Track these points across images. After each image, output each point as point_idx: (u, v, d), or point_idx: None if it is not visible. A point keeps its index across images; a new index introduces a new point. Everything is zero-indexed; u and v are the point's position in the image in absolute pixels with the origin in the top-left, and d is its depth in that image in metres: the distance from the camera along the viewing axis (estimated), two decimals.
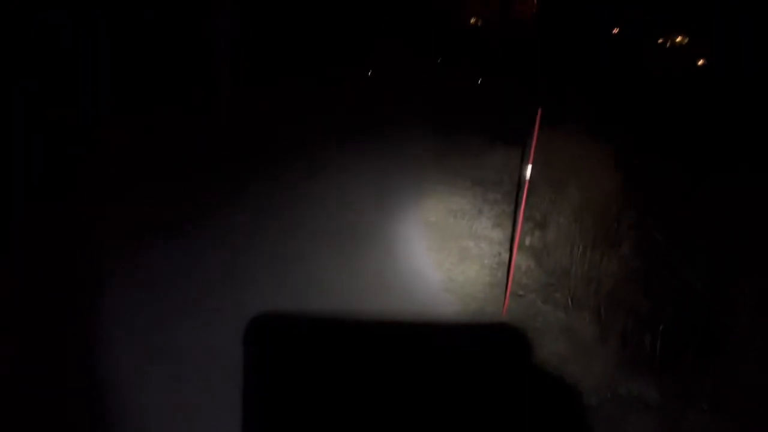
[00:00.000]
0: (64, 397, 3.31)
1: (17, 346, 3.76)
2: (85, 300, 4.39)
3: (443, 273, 5.37)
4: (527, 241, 6.22)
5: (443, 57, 26.40)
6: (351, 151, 9.98)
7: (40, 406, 3.22)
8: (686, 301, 4.16)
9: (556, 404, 3.59)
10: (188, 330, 4.03)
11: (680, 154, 8.54)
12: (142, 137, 9.30)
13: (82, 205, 6.39)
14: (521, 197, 5.11)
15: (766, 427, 3.39)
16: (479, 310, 4.73)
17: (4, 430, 3.06)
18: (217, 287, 4.73)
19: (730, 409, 3.42)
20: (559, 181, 7.64)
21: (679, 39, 35.59)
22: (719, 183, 5.76)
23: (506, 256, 5.85)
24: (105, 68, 10.73)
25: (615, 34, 35.81)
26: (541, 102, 5.14)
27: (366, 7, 22.61)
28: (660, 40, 36.70)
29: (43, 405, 3.23)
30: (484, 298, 4.94)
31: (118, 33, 10.87)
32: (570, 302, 4.90)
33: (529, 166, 5.02)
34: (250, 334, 3.97)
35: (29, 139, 8.11)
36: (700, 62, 31.86)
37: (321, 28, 18.94)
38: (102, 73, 10.65)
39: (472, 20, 36.45)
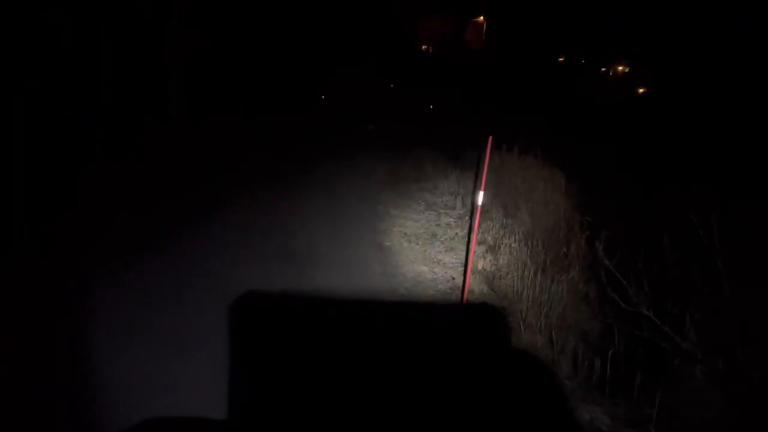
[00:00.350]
0: (61, 396, 3.36)
1: (17, 346, 3.84)
2: (82, 301, 4.48)
3: (398, 299, 5.33)
4: (480, 265, 6.27)
5: (396, 83, 26.78)
6: (305, 176, 9.94)
7: (39, 406, 3.26)
8: (635, 325, 4.25)
9: (509, 429, 3.57)
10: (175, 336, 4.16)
11: (628, 179, 8.86)
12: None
13: (80, 206, 6.76)
14: (474, 222, 5.16)
15: None
16: None
17: (4, 430, 3.09)
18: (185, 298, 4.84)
19: None
20: (510, 205, 7.78)
21: (621, 68, 37.25)
22: (667, 208, 5.96)
23: (460, 280, 5.87)
24: (105, 68, 10.67)
25: (561, 62, 37.15)
26: (493, 129, 5.24)
27: (323, 35, 22.85)
28: (603, 69, 38.35)
29: (42, 405, 3.27)
30: None
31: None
32: (522, 326, 4.93)
33: (481, 192, 5.09)
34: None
35: (29, 140, 8.03)
36: (641, 90, 33.34)
37: (278, 56, 19.09)
38: (102, 73, 10.57)
39: (425, 47, 37.19)
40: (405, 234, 7.23)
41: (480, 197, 5.08)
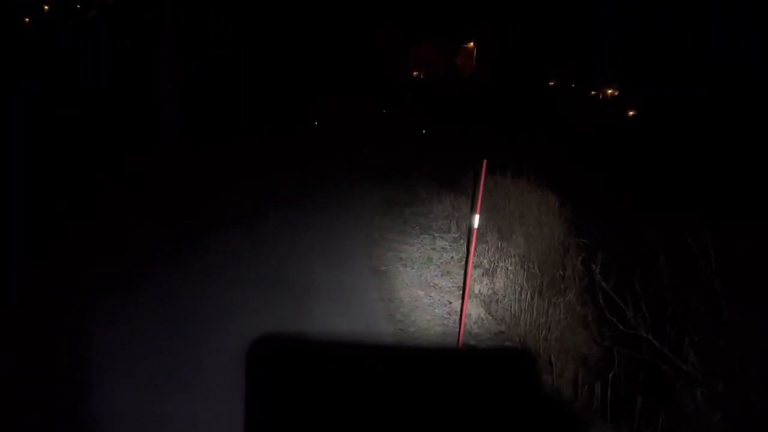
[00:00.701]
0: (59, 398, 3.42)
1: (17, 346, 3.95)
2: (77, 325, 4.47)
3: (394, 324, 5.29)
4: (476, 289, 6.24)
5: (388, 108, 26.96)
6: (299, 201, 9.93)
7: (38, 407, 3.31)
8: (634, 348, 4.23)
9: None
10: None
11: (622, 201, 8.91)
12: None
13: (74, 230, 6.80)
14: (469, 245, 5.15)
15: None
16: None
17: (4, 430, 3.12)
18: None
19: None
20: (505, 228, 7.78)
21: (610, 91, 37.73)
22: (663, 229, 5.97)
23: (457, 304, 5.84)
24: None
25: (551, 86, 37.57)
26: (486, 153, 5.27)
27: (316, 61, 23.13)
28: (593, 92, 38.82)
29: (41, 405, 3.32)
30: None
31: None
32: (521, 350, 4.90)
33: (477, 215, 5.08)
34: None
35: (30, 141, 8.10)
36: (631, 113, 33.72)
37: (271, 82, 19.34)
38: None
39: (415, 74, 37.59)
40: (400, 258, 7.21)
41: (476, 220, 5.08)
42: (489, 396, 4.09)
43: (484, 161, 4.86)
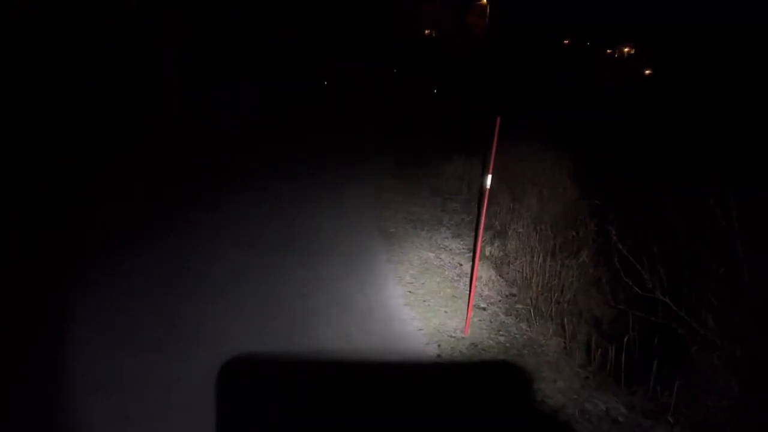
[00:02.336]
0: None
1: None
2: (73, 294, 4.37)
3: (404, 286, 5.21)
4: (487, 251, 6.13)
5: (399, 68, 26.48)
6: (309, 162, 9.80)
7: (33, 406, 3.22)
8: (650, 311, 4.11)
9: (522, 423, 3.46)
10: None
11: (637, 161, 8.68)
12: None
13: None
14: (480, 206, 5.00)
15: None
16: (441, 324, 4.57)
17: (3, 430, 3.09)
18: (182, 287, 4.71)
19: (697, 422, 3.36)
20: (517, 190, 7.63)
21: (626, 49, 36.85)
22: (683, 189, 5.81)
23: (467, 266, 5.74)
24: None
25: (566, 45, 36.75)
26: (498, 113, 5.06)
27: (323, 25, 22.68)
28: (608, 51, 37.96)
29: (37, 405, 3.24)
30: (445, 312, 4.78)
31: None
32: (532, 313, 4.80)
33: (489, 175, 4.92)
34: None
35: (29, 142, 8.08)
36: (647, 72, 32.96)
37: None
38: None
39: (427, 32, 36.82)
40: (410, 220, 7.09)
41: (488, 180, 4.91)
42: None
43: (498, 118, 4.66)
